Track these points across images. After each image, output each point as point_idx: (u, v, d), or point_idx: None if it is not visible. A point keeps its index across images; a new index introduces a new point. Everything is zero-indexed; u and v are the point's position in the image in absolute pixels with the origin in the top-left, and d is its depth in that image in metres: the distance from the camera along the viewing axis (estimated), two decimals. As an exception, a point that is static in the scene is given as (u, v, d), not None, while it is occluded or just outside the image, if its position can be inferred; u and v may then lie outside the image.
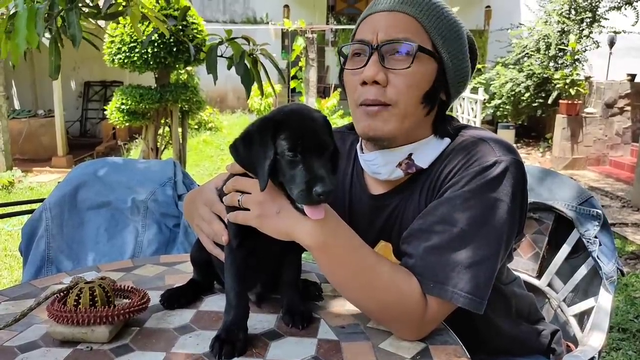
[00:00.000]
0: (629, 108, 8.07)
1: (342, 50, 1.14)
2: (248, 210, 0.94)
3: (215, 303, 1.13)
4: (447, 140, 1.10)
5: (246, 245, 0.98)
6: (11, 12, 1.84)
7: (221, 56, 2.35)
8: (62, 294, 1.01)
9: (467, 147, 1.05)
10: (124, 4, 2.10)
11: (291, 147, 0.87)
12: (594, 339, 1.35)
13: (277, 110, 0.95)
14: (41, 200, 2.10)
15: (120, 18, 2.75)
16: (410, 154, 1.08)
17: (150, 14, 2.17)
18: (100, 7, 2.07)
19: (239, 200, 0.95)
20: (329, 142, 0.91)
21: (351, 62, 1.10)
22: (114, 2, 2.11)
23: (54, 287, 1.09)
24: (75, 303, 0.96)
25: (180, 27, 4.40)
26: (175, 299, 1.11)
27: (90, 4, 2.12)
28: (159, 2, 4.32)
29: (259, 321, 1.05)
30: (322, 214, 0.88)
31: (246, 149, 0.91)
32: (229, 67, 2.28)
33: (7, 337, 0.99)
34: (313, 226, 0.91)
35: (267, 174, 0.87)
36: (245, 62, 2.24)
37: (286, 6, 11.53)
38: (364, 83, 1.04)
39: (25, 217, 4.89)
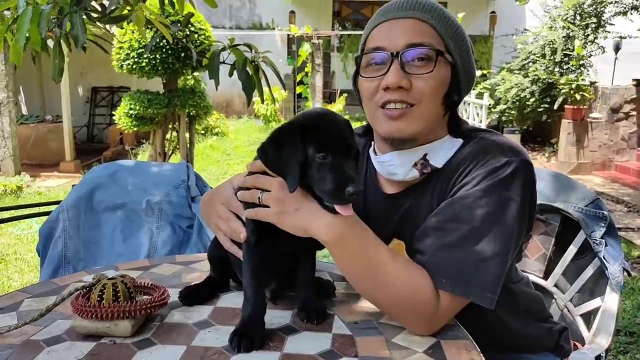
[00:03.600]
0: (634, 113, 8.08)
1: (357, 59, 1.15)
2: (268, 207, 0.98)
3: (232, 300, 1.17)
4: (460, 140, 1.13)
5: (264, 243, 1.02)
6: (15, 15, 1.88)
7: (223, 62, 2.39)
8: (85, 290, 1.04)
9: (479, 148, 1.08)
10: (128, 8, 2.14)
11: (321, 150, 0.91)
12: (601, 337, 1.37)
13: (304, 114, 0.99)
14: (51, 204, 2.15)
15: (126, 23, 2.80)
16: (425, 154, 1.12)
17: (154, 19, 2.21)
18: (105, 10, 2.11)
19: (259, 198, 0.98)
20: (355, 144, 0.96)
21: (369, 70, 1.11)
22: (117, 6, 2.15)
23: (76, 284, 1.13)
24: (98, 298, 1.00)
25: (188, 32, 4.46)
26: (194, 295, 1.15)
27: (98, 8, 2.17)
28: (165, 8, 4.37)
29: (275, 317, 1.08)
30: (351, 210, 0.93)
31: (275, 152, 0.95)
32: (230, 74, 2.31)
33: (32, 331, 1.02)
34: (329, 222, 0.95)
35: (298, 177, 0.91)
36: (247, 69, 2.28)
37: (292, 12, 11.60)
38: (387, 88, 1.07)
39: (34, 222, 4.95)
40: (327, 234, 0.96)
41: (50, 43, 2.06)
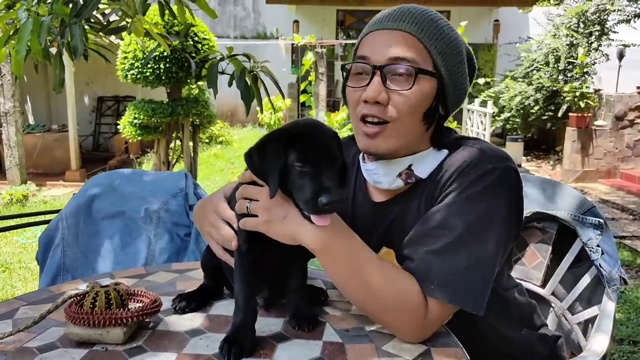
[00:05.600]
0: (639, 120, 8.05)
1: (346, 67, 1.16)
2: (256, 216, 0.99)
3: (225, 307, 1.17)
4: (446, 151, 1.14)
5: (255, 251, 1.03)
6: (17, 27, 1.92)
7: (222, 72, 2.41)
8: (79, 297, 1.05)
9: (465, 155, 1.09)
10: (127, 20, 2.17)
11: (301, 158, 0.92)
12: (597, 345, 1.37)
13: (291, 123, 1.01)
14: (54, 212, 2.16)
15: (127, 34, 2.84)
16: (410, 165, 1.12)
17: (152, 30, 2.23)
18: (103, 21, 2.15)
19: (247, 207, 1.00)
20: (337, 156, 0.96)
21: (354, 79, 1.13)
22: (116, 18, 2.18)
23: (70, 292, 1.14)
24: (91, 306, 1.01)
25: (192, 42, 4.50)
26: (187, 303, 1.15)
27: (101, 19, 2.20)
28: (165, 18, 4.40)
29: (266, 324, 1.08)
30: (327, 221, 0.93)
31: (260, 158, 0.97)
32: (229, 84, 2.33)
33: (26, 338, 1.03)
34: (317, 230, 0.96)
35: (277, 183, 0.92)
36: (246, 79, 2.30)
37: (296, 21, 11.67)
38: (366, 101, 1.08)
39: (39, 230, 4.97)
40: (314, 241, 0.97)
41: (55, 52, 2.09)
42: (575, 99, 8.03)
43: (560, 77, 8.55)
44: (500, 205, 1.04)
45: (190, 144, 5.37)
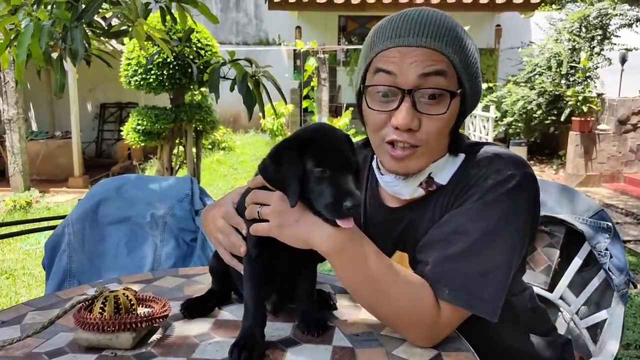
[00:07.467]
0: (642, 124, 8.04)
1: (368, 87, 1.09)
2: (268, 221, 0.98)
3: (233, 312, 1.17)
4: (462, 155, 1.13)
5: (264, 256, 1.02)
6: (17, 31, 1.92)
7: (224, 77, 2.41)
8: (87, 302, 1.05)
9: (482, 161, 1.08)
10: (128, 23, 2.18)
11: (319, 164, 0.92)
12: (607, 350, 1.36)
13: (302, 129, 1.00)
14: (58, 218, 2.16)
15: (128, 39, 2.84)
16: (430, 173, 1.11)
17: (154, 34, 2.24)
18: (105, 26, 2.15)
19: (258, 212, 0.99)
20: (354, 159, 0.96)
21: (376, 100, 1.07)
22: (117, 22, 2.19)
23: (79, 297, 1.13)
24: (100, 311, 1.01)
25: (195, 48, 4.51)
26: (195, 308, 1.15)
27: (102, 24, 2.21)
28: (168, 25, 4.41)
29: (276, 329, 1.08)
30: (351, 223, 0.93)
31: (275, 167, 0.96)
32: (231, 89, 2.33)
33: (35, 343, 1.03)
34: (330, 233, 0.95)
35: (298, 191, 0.92)
36: (248, 83, 2.30)
37: (298, 27, 11.69)
38: (397, 128, 1.04)
39: (43, 237, 4.98)
40: (327, 245, 0.96)
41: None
42: (578, 103, 8.03)
43: (563, 81, 8.54)
44: (518, 212, 1.03)
45: (193, 150, 5.37)
